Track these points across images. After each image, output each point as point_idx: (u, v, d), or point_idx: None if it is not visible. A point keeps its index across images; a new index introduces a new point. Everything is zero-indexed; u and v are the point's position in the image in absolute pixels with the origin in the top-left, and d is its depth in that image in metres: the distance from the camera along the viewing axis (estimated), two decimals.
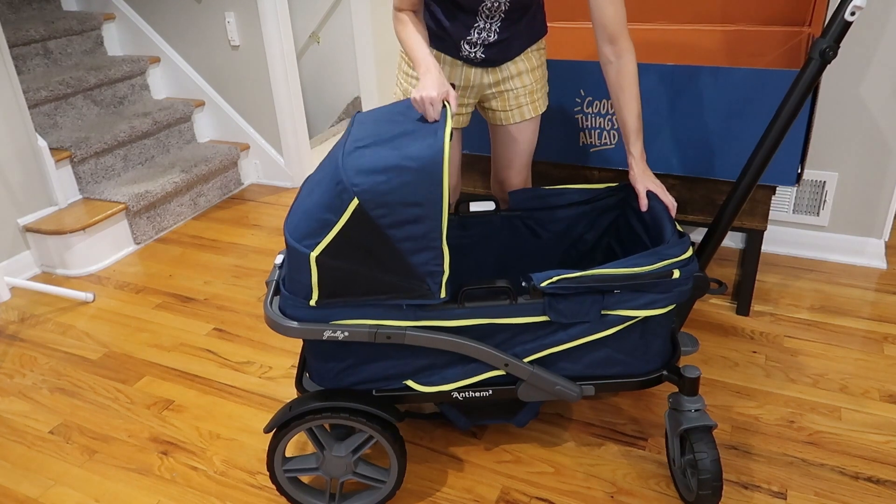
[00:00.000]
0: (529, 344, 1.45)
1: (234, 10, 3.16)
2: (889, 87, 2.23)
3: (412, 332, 1.40)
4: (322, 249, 1.31)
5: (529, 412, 1.67)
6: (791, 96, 1.41)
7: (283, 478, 1.56)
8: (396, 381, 1.50)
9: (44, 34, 3.12)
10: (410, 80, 1.80)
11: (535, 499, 1.62)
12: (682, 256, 1.39)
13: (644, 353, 1.50)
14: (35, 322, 2.44)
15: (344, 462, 1.52)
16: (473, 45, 1.71)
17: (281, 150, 3.43)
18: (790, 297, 2.33)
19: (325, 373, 1.51)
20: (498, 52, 1.72)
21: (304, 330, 1.40)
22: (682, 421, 1.50)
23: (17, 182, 2.68)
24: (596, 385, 1.51)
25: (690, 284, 1.40)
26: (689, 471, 1.54)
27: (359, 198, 1.26)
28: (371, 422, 1.46)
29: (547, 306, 1.39)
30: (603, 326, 1.42)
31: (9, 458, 1.82)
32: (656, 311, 1.40)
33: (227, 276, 2.68)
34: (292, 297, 1.40)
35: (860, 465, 1.66)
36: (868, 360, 2.01)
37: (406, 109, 1.49)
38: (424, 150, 1.26)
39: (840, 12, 1.30)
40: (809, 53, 1.36)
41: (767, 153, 1.47)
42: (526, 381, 1.48)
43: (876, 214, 2.43)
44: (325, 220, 1.30)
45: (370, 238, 1.30)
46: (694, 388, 1.50)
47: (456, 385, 1.49)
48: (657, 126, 2.01)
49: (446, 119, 1.35)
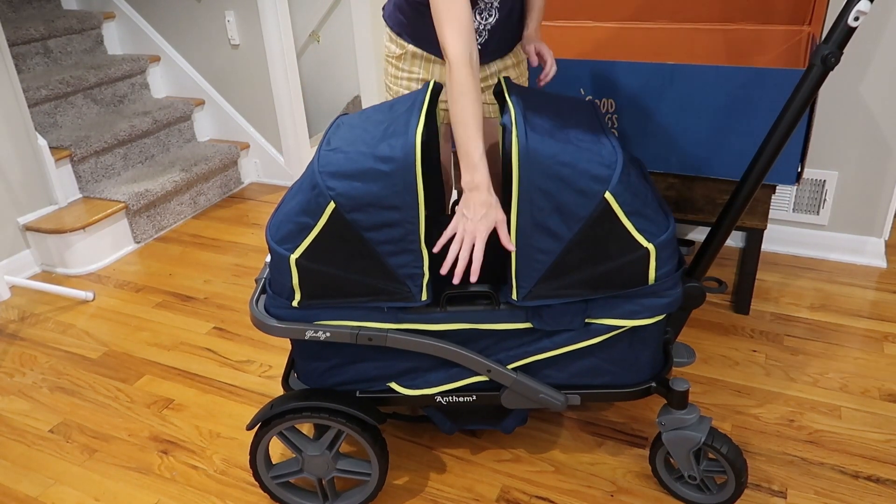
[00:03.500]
0: (514, 350, 1.44)
1: (234, 9, 3.16)
2: (889, 86, 2.23)
3: (394, 334, 1.40)
4: (301, 252, 1.32)
5: (516, 418, 1.65)
6: (792, 103, 1.38)
7: (274, 485, 1.57)
8: (380, 383, 1.50)
9: (44, 33, 3.12)
10: (401, 82, 1.80)
11: (535, 497, 1.62)
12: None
13: (633, 364, 1.47)
14: (35, 321, 2.44)
15: (324, 460, 1.52)
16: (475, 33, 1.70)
17: (281, 148, 3.43)
18: (790, 296, 2.33)
19: (310, 372, 1.51)
20: (497, 41, 1.72)
21: (286, 329, 1.40)
22: (694, 438, 1.46)
23: (17, 181, 2.68)
24: (582, 395, 1.49)
25: (680, 294, 1.37)
26: (706, 479, 1.53)
27: (335, 201, 1.27)
28: (351, 423, 1.46)
29: (531, 313, 1.38)
30: (588, 335, 1.40)
31: (9, 456, 1.83)
32: (643, 321, 1.37)
33: (227, 274, 2.68)
34: (276, 297, 1.40)
35: (860, 464, 1.66)
36: (868, 359, 2.01)
37: (387, 110, 1.46)
38: (397, 151, 1.25)
39: (843, 17, 1.28)
40: (811, 59, 1.34)
41: (767, 161, 1.44)
42: (509, 388, 1.46)
43: (876, 213, 2.43)
44: (303, 224, 1.30)
45: (348, 241, 1.30)
46: (683, 401, 1.46)
47: (439, 389, 1.49)
48: (657, 125, 2.01)
49: (420, 116, 1.32)
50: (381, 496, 1.63)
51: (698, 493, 1.56)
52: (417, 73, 1.78)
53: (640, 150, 2.07)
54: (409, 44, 1.74)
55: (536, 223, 1.27)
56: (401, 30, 1.75)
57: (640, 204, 1.29)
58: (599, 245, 1.29)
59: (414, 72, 1.78)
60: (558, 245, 1.29)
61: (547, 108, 1.41)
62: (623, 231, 1.28)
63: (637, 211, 1.28)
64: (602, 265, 1.31)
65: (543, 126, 1.29)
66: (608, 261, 1.31)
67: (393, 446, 1.78)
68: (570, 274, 1.32)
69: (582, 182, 1.24)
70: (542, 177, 1.24)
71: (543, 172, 1.24)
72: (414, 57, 1.76)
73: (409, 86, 1.80)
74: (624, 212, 1.27)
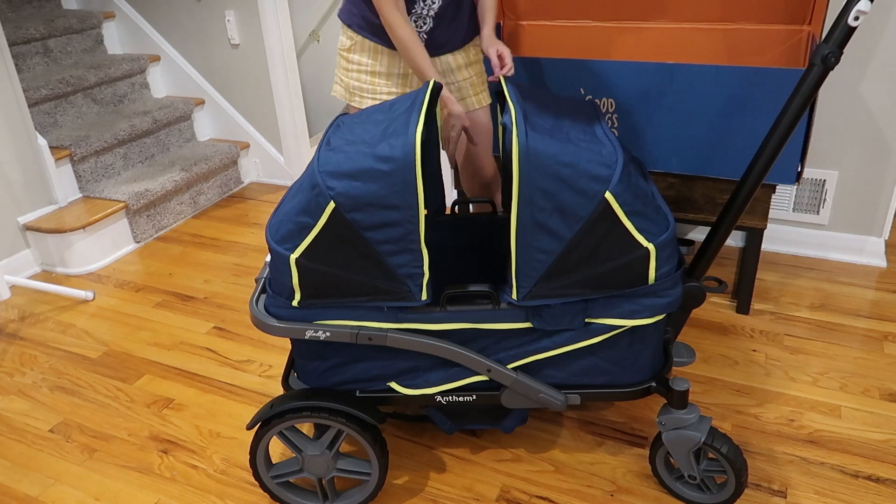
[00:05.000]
0: (514, 350, 1.43)
1: (234, 9, 3.16)
2: (889, 85, 2.23)
3: (393, 334, 1.40)
4: (301, 252, 1.32)
5: (516, 418, 1.65)
6: (792, 104, 1.38)
7: (274, 484, 1.57)
8: (380, 383, 1.50)
9: (44, 32, 3.12)
10: (351, 74, 1.85)
11: (535, 497, 1.62)
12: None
13: (632, 364, 1.47)
14: (35, 320, 2.44)
15: (323, 460, 1.52)
16: (419, 18, 1.74)
17: (281, 148, 3.43)
18: (790, 296, 2.33)
19: (309, 372, 1.51)
20: (443, 31, 1.78)
21: (286, 329, 1.40)
22: (694, 438, 1.46)
23: (17, 180, 2.68)
24: (582, 394, 1.49)
25: (679, 294, 1.37)
26: (707, 479, 1.53)
27: (335, 201, 1.26)
28: (351, 422, 1.46)
29: (531, 312, 1.38)
30: (588, 335, 1.40)
31: (8, 456, 1.82)
32: (643, 320, 1.37)
33: (227, 274, 2.68)
34: (276, 297, 1.40)
35: (860, 464, 1.66)
36: (868, 359, 2.01)
37: (387, 110, 1.46)
38: (397, 151, 1.25)
39: (843, 17, 1.28)
40: (811, 59, 1.34)
41: (767, 161, 1.44)
42: (509, 388, 1.46)
43: (876, 213, 2.43)
44: (303, 224, 1.30)
45: (348, 241, 1.30)
46: (683, 400, 1.46)
47: (439, 389, 1.49)
48: (657, 125, 2.01)
49: (420, 115, 1.32)
50: (381, 496, 1.63)
51: (698, 493, 1.56)
52: (367, 64, 1.83)
53: (640, 149, 2.07)
54: (358, 34, 1.81)
55: (537, 223, 1.27)
56: (350, 21, 1.82)
57: (640, 204, 1.29)
58: (599, 245, 1.29)
59: (363, 62, 1.83)
60: (558, 245, 1.29)
61: (547, 107, 1.41)
62: (623, 231, 1.28)
63: (637, 211, 1.28)
64: (602, 265, 1.31)
65: (544, 126, 1.29)
66: (608, 261, 1.31)
67: (393, 446, 1.78)
68: (570, 274, 1.32)
69: (582, 182, 1.24)
70: (543, 176, 1.24)
71: (544, 172, 1.23)
72: (363, 48, 1.82)
73: (360, 77, 1.85)
74: (624, 212, 1.26)
